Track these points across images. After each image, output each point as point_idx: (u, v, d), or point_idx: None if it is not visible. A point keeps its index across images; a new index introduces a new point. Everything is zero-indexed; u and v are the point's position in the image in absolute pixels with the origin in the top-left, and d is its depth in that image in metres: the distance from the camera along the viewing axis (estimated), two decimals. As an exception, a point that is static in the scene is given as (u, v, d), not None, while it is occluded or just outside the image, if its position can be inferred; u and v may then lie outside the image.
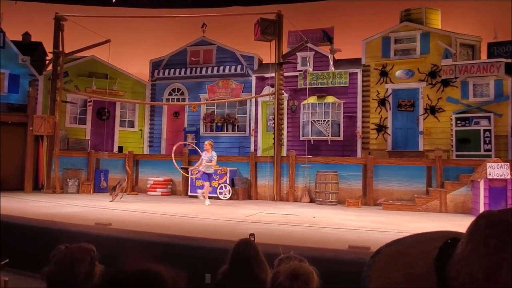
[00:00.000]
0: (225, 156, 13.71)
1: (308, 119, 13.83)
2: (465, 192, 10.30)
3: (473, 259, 0.58)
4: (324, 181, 11.53)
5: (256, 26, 12.93)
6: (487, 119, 11.95)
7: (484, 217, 0.61)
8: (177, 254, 5.63)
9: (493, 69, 12.13)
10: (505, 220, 0.58)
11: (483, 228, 0.59)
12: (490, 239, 0.57)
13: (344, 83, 13.93)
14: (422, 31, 13.39)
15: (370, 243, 5.44)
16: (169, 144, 16.33)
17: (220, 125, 15.57)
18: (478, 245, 0.58)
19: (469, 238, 0.61)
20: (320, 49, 14.58)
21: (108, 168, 13.89)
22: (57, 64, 13.77)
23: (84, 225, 6.80)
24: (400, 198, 11.21)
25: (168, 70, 16.20)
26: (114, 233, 6.34)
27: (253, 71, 15.37)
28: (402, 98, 13.44)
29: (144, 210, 9.19)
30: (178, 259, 5.49)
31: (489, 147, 11.73)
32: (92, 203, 10.25)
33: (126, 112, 16.31)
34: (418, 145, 13.11)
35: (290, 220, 8.25)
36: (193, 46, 16.29)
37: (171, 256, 5.51)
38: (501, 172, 9.24)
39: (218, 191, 12.40)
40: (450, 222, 8.42)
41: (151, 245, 5.87)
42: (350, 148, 13.70)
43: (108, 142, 15.69)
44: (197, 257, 5.47)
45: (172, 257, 5.49)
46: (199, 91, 15.98)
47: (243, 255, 2.73)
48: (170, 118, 16.50)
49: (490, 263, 0.55)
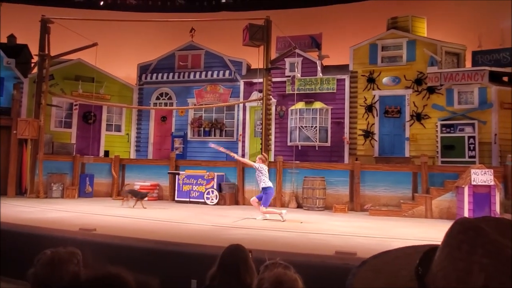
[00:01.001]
0: (212, 161, 13.67)
1: (295, 125, 13.87)
2: (450, 198, 10.42)
3: (447, 263, 0.60)
4: (311, 186, 11.55)
5: (244, 31, 12.97)
6: (471, 126, 12.14)
7: (459, 223, 0.63)
8: (163, 260, 5.56)
9: (477, 77, 12.36)
10: (478, 226, 0.60)
11: (457, 233, 0.61)
12: (462, 244, 0.59)
13: (331, 89, 14.03)
14: (408, 38, 13.58)
15: (357, 248, 5.45)
16: (156, 148, 16.23)
17: (207, 130, 15.52)
18: (452, 250, 0.60)
19: (444, 243, 0.63)
20: (308, 55, 14.67)
21: (93, 173, 13.71)
22: (42, 67, 13.59)
23: (68, 231, 6.68)
24: (386, 203, 11.29)
25: (156, 74, 16.12)
26: (99, 238, 6.24)
27: (241, 76, 15.39)
28: (389, 105, 13.59)
29: (130, 215, 9.08)
30: (164, 265, 5.43)
31: (474, 153, 11.91)
32: (76, 208, 10.10)
33: (113, 116, 16.15)
34: (404, 151, 13.24)
35: (277, 225, 8.23)
36: (181, 51, 16.25)
37: (156, 262, 5.45)
38: (485, 178, 9.38)
39: (205, 196, 12.33)
40: (435, 227, 8.50)
41: (137, 251, 5.80)
42: (337, 154, 13.77)
43: (94, 146, 15.50)
44: (183, 263, 5.41)
45: (158, 263, 5.43)
46: (187, 95, 15.93)
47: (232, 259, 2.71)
48: (157, 122, 16.39)
49: (462, 267, 0.57)
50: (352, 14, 16.82)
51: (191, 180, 12.63)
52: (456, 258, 0.59)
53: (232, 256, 2.74)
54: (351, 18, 16.67)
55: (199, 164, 13.42)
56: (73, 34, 12.85)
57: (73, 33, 12.84)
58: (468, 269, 0.56)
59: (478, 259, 0.56)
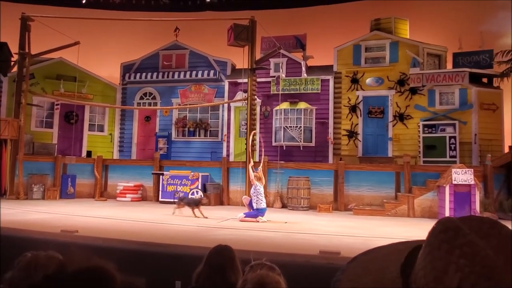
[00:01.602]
0: (197, 161, 13.60)
1: (280, 125, 13.91)
2: (432, 197, 10.59)
3: (427, 262, 0.61)
4: (296, 186, 11.60)
5: (229, 31, 12.93)
6: (452, 127, 12.37)
7: (440, 223, 0.64)
8: (146, 261, 5.50)
9: (458, 78, 12.59)
10: (458, 226, 0.60)
11: (438, 233, 0.62)
12: (442, 243, 0.60)
13: (316, 90, 14.11)
14: (391, 40, 13.76)
15: (341, 248, 5.49)
16: (140, 149, 16.06)
17: (192, 130, 15.44)
18: (433, 249, 0.61)
19: (427, 242, 0.64)
20: (293, 56, 14.73)
21: (75, 174, 13.49)
22: (23, 66, 13.31)
23: (49, 233, 6.55)
24: (370, 203, 11.41)
25: (139, 74, 15.96)
26: (81, 240, 6.14)
27: (226, 76, 15.36)
28: (372, 105, 13.74)
29: (113, 217, 8.96)
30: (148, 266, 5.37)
31: (454, 153, 12.13)
32: (58, 210, 9.92)
33: (95, 116, 15.93)
34: (387, 151, 13.41)
35: (262, 225, 8.24)
36: (166, 50, 16.13)
37: (140, 263, 5.39)
38: (465, 178, 9.56)
39: (189, 196, 12.24)
40: (418, 226, 8.63)
41: (120, 253, 5.72)
42: (322, 154, 13.86)
43: (76, 147, 15.26)
44: (167, 264, 5.36)
45: (142, 265, 5.37)
46: (171, 95, 15.82)
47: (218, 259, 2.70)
48: (141, 122, 16.23)
49: (440, 267, 0.58)
50: (336, 15, 16.95)
51: (176, 180, 12.54)
52: (436, 258, 0.60)
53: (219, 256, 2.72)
54: (335, 19, 16.80)
55: (183, 164, 13.34)
56: (54, 32, 12.63)
57: (54, 31, 12.61)
58: (445, 269, 0.57)
59: (455, 259, 0.57)
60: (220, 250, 2.78)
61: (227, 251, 2.77)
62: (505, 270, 0.55)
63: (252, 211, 8.83)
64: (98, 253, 4.00)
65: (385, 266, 0.71)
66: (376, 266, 0.72)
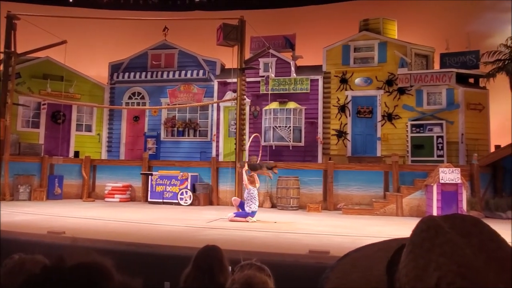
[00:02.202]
0: (186, 161, 13.54)
1: (270, 125, 13.92)
2: (420, 196, 10.69)
3: (409, 260, 0.61)
4: (285, 186, 11.61)
5: (218, 31, 12.90)
6: (439, 126, 12.51)
7: (423, 222, 0.64)
8: (135, 263, 5.46)
9: (445, 78, 12.74)
10: (439, 224, 0.61)
11: (420, 231, 0.63)
12: (424, 241, 0.61)
13: (305, 90, 14.15)
14: (379, 40, 13.86)
15: (330, 247, 5.51)
16: (129, 149, 15.94)
17: (181, 130, 15.36)
18: (415, 247, 0.62)
19: (409, 241, 0.64)
20: (282, 56, 14.75)
21: (63, 174, 13.32)
22: (8, 65, 13.09)
23: (36, 234, 6.46)
24: (359, 202, 11.48)
25: (128, 73, 15.83)
26: (68, 241, 6.06)
27: (215, 76, 15.32)
28: (361, 105, 13.83)
29: (101, 217, 8.87)
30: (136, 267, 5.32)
31: (442, 152, 12.27)
32: (45, 211, 9.78)
33: (83, 115, 15.76)
34: (376, 151, 13.50)
35: (251, 226, 8.23)
36: (154, 50, 16.02)
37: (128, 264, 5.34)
38: (453, 177, 9.68)
39: (178, 196, 12.20)
40: (406, 225, 8.69)
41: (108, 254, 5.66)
42: (311, 154, 13.90)
43: (63, 147, 15.07)
44: (156, 265, 5.33)
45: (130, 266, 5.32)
46: (160, 95, 15.72)
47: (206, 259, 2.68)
48: (129, 122, 16.10)
49: (421, 265, 0.59)
50: (325, 15, 17.02)
51: (165, 180, 12.47)
52: (417, 256, 0.60)
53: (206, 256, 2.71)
54: (324, 19, 16.87)
55: (172, 164, 13.27)
56: (41, 31, 12.45)
57: (41, 30, 12.43)
58: (425, 267, 0.58)
59: (435, 258, 0.57)
60: (208, 250, 2.77)
61: (215, 252, 2.75)
62: (484, 269, 0.55)
63: (242, 211, 8.81)
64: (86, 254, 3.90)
65: (374, 263, 0.71)
66: (365, 263, 0.73)
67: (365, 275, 0.70)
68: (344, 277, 0.71)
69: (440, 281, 0.55)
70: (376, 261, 0.71)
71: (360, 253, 0.77)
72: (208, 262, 2.66)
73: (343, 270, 0.73)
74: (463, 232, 0.60)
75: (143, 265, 5.36)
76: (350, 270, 0.72)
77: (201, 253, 2.75)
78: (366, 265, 0.72)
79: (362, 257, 0.75)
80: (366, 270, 0.70)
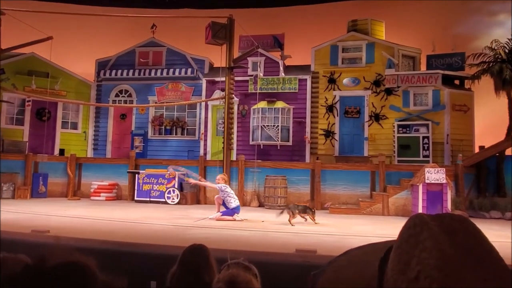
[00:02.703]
0: (173, 160, 13.46)
1: (258, 124, 13.92)
2: (406, 196, 10.82)
3: (396, 255, 0.64)
4: (273, 185, 11.63)
5: (207, 29, 12.84)
6: (425, 127, 12.66)
7: (412, 218, 0.67)
8: (121, 262, 5.40)
9: (431, 79, 12.91)
10: (425, 221, 0.63)
11: (407, 228, 0.65)
12: (410, 237, 0.63)
13: (293, 89, 14.19)
14: (367, 41, 13.97)
15: (317, 246, 5.54)
16: (115, 147, 15.78)
17: (169, 129, 15.27)
18: (402, 244, 0.64)
19: (398, 237, 0.67)
20: (271, 55, 14.76)
21: (47, 172, 13.13)
22: (-8, 60, 12.85)
23: (19, 233, 6.35)
24: (345, 202, 11.56)
25: (115, 70, 15.66)
26: (52, 240, 5.98)
27: (204, 74, 15.25)
28: (348, 105, 13.92)
29: (86, 216, 8.76)
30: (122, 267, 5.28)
31: (427, 153, 12.43)
32: (29, 209, 9.63)
33: (68, 113, 15.54)
34: (363, 151, 13.61)
35: (239, 225, 8.22)
36: (142, 47, 15.88)
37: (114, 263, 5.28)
38: (438, 177, 9.81)
39: (166, 195, 12.13)
40: (392, 224, 8.79)
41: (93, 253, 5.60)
42: (298, 153, 13.95)
43: (48, 145, 14.84)
44: (142, 264, 5.28)
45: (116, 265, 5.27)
46: (148, 93, 15.59)
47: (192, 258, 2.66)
48: (116, 120, 15.93)
49: (405, 259, 0.61)
50: (314, 16, 17.09)
51: (152, 179, 12.38)
52: (403, 251, 0.63)
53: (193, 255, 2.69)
54: (313, 19, 16.94)
55: (160, 163, 13.18)
56: (26, 26, 12.23)
57: (26, 26, 12.22)
58: (409, 262, 0.60)
59: (417, 253, 0.60)
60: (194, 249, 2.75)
61: (201, 251, 2.74)
62: (462, 263, 0.58)
63: (228, 210, 8.80)
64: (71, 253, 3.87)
65: (370, 261, 0.73)
66: (361, 261, 0.75)
67: (359, 271, 0.72)
68: (340, 271, 0.74)
69: (419, 275, 0.57)
70: (373, 259, 0.73)
71: (360, 251, 0.80)
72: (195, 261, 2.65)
73: (340, 265, 0.76)
74: (449, 230, 0.62)
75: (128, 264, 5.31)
76: (346, 266, 0.75)
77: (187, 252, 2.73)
78: (362, 262, 0.74)
79: (361, 254, 0.78)
80: (361, 267, 0.73)
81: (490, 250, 0.61)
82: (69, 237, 6.16)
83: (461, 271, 0.57)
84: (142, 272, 5.12)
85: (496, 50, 12.25)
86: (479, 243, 0.62)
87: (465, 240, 0.61)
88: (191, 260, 2.66)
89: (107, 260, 5.77)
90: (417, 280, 0.58)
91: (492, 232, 7.66)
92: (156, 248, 5.61)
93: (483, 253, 0.61)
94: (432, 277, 0.56)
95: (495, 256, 0.61)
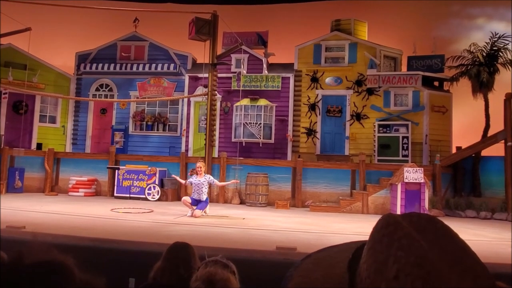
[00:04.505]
0: (154, 156, 13.33)
1: (240, 121, 13.90)
2: (385, 195, 10.99)
3: (369, 256, 0.64)
4: (254, 183, 11.64)
5: (190, 25, 12.74)
6: (405, 127, 12.87)
7: (383, 219, 0.67)
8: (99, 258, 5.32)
9: (411, 80, 13.12)
10: (397, 221, 0.64)
11: (380, 228, 0.66)
12: (383, 237, 0.63)
13: (276, 87, 14.22)
14: (350, 41, 14.09)
15: (297, 243, 5.57)
16: (95, 142, 15.52)
17: (150, 124, 15.10)
18: (375, 243, 0.64)
19: (370, 238, 0.67)
20: (254, 52, 14.74)
21: (24, 167, 12.82)
22: (-33, 51, 12.46)
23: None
24: (326, 200, 11.66)
25: (96, 64, 15.38)
26: (28, 237, 5.84)
27: (187, 70, 15.13)
28: (331, 104, 14.02)
29: (64, 212, 8.60)
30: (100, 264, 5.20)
31: (407, 153, 12.64)
32: (4, 204, 9.35)
33: (47, 106, 15.20)
34: (344, 150, 13.74)
35: (219, 222, 8.21)
36: (124, 41, 15.64)
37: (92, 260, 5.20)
38: (416, 176, 9.99)
39: (146, 191, 12.00)
40: (370, 223, 8.80)
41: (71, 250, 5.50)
42: (280, 151, 13.99)
43: (25, 138, 14.49)
44: (120, 261, 5.22)
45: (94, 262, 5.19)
46: (129, 88, 15.38)
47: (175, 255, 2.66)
48: (96, 115, 15.67)
49: (381, 259, 0.61)
50: (298, 14, 17.14)
51: (132, 175, 12.23)
52: (377, 251, 0.63)
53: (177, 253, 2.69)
54: (297, 17, 16.98)
55: (140, 159, 13.03)
56: (3, 17, 11.90)
57: (3, 16, 11.88)
58: (385, 261, 0.60)
59: (394, 252, 0.60)
60: (178, 247, 2.75)
61: (185, 248, 2.74)
62: (438, 260, 0.59)
63: (203, 202, 8.73)
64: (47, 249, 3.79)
65: (337, 262, 0.74)
66: (327, 263, 0.75)
67: (327, 273, 0.72)
68: (307, 276, 0.73)
69: (399, 273, 0.58)
70: (338, 261, 0.73)
71: (323, 253, 0.80)
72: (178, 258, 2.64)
73: (306, 269, 0.75)
74: (419, 228, 0.63)
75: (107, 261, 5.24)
76: (313, 269, 0.74)
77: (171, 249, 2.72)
78: (329, 264, 0.74)
79: (325, 257, 0.78)
80: (329, 269, 0.73)
81: (464, 246, 0.63)
82: (46, 233, 6.04)
83: (440, 268, 0.58)
84: (120, 269, 5.06)
85: (474, 54, 12.54)
86: (451, 240, 0.63)
87: (437, 238, 0.62)
88: (174, 258, 2.66)
89: (84, 257, 5.66)
90: (396, 279, 0.58)
91: (469, 231, 7.86)
92: (135, 244, 5.55)
93: (457, 250, 0.62)
94: (413, 275, 0.57)
95: (469, 252, 0.62)
